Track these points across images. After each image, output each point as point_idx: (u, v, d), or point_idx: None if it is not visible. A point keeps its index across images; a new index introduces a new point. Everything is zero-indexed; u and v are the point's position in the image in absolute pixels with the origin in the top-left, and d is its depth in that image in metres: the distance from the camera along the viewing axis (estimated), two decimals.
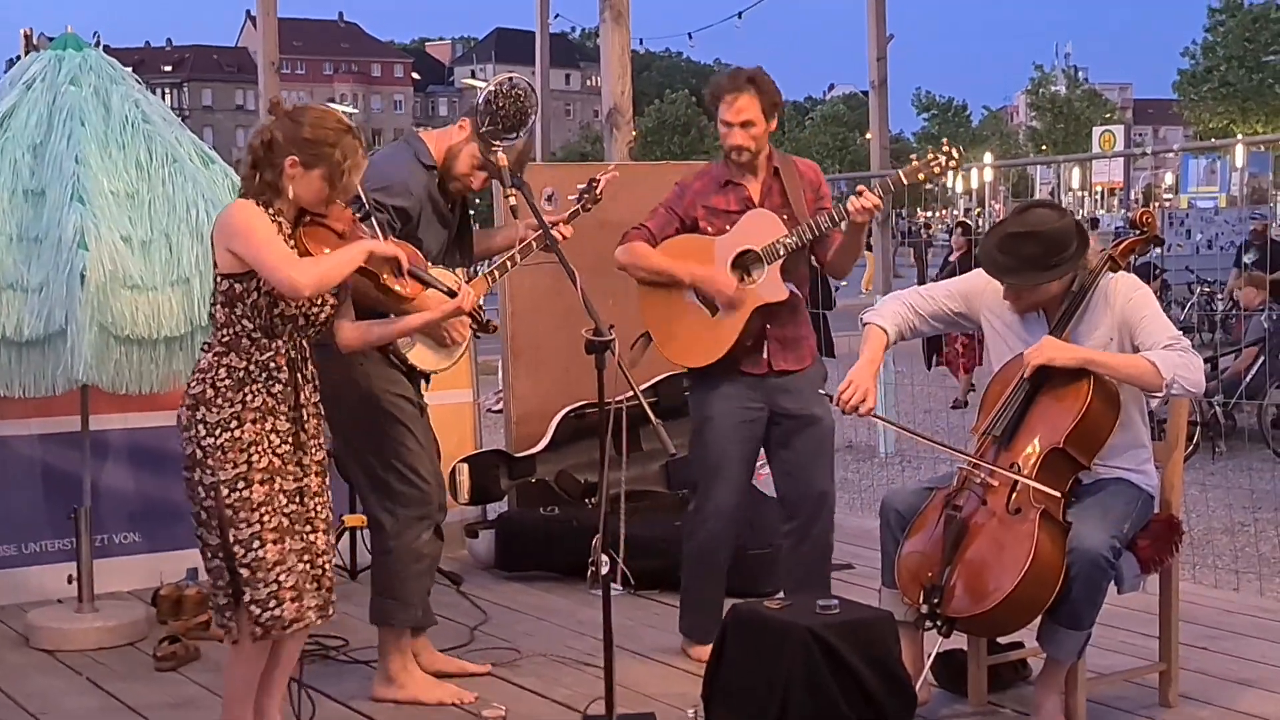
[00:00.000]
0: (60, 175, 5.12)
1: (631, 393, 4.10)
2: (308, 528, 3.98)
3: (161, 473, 6.07)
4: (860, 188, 4.69)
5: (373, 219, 4.28)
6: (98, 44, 5.94)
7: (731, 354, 4.92)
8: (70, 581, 5.49)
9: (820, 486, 5.06)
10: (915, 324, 4.60)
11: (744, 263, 4.90)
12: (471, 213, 4.99)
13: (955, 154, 4.78)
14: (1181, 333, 4.32)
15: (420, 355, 4.65)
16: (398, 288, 4.13)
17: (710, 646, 4.87)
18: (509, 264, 4.87)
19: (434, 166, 4.70)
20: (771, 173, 4.97)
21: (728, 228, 4.93)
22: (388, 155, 4.84)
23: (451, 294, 4.28)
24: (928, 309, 4.60)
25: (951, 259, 14.51)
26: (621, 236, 5.07)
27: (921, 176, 4.83)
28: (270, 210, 3.89)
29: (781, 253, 4.84)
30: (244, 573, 3.84)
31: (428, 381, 4.78)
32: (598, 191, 5.01)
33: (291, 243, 3.90)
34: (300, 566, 3.91)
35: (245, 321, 3.87)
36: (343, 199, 4.01)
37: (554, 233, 4.69)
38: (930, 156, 4.82)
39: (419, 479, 4.63)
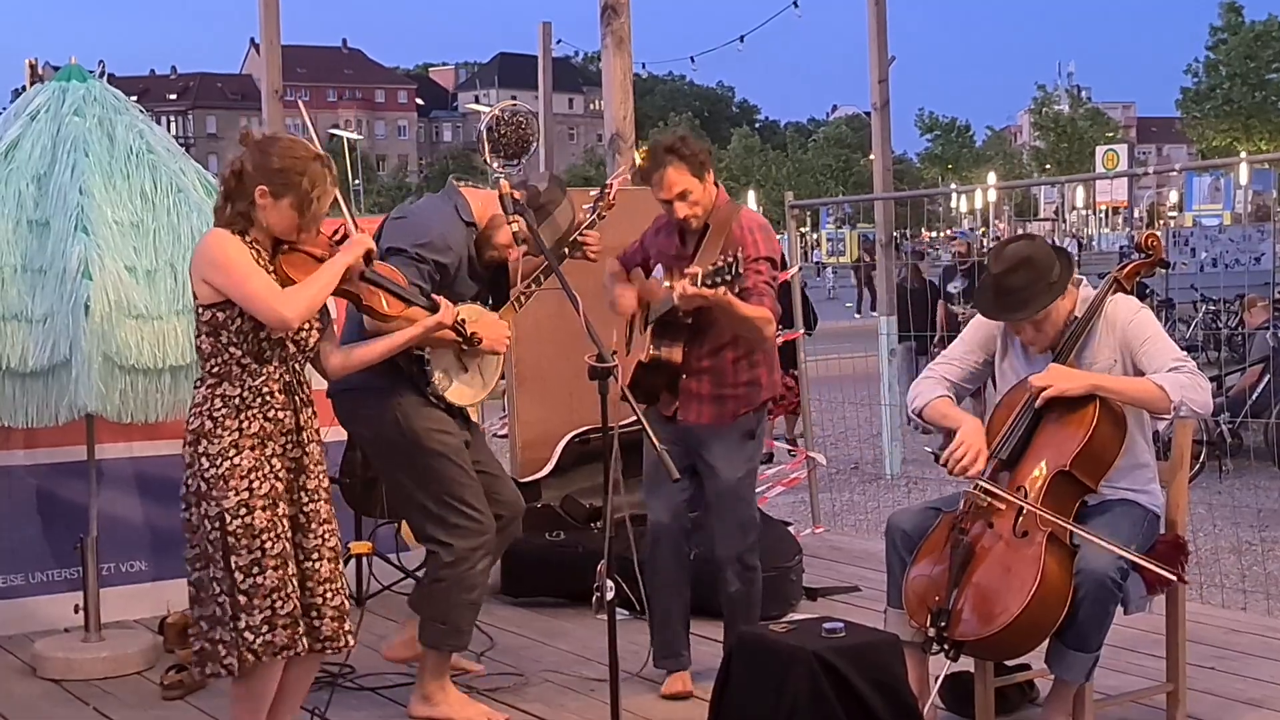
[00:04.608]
0: (64, 206, 5.15)
1: (635, 418, 4.11)
2: (315, 556, 3.99)
3: (167, 501, 6.01)
4: (686, 271, 4.53)
5: (350, 240, 4.29)
6: (103, 73, 5.96)
7: (646, 391, 4.86)
8: (77, 611, 5.49)
9: (711, 544, 4.99)
10: (955, 392, 4.57)
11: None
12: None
13: (740, 269, 4.48)
14: (1186, 352, 4.32)
15: (459, 393, 4.67)
16: (375, 304, 4.12)
17: (677, 675, 4.97)
18: (534, 285, 4.86)
19: (473, 224, 4.70)
20: (703, 229, 4.85)
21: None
22: (429, 208, 4.84)
23: (434, 309, 4.30)
24: (959, 374, 4.57)
25: None
26: None
27: (713, 269, 4.49)
28: (246, 239, 3.89)
29: (651, 319, 4.83)
30: (242, 599, 3.84)
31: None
32: (611, 197, 5.03)
33: (271, 270, 3.90)
34: (299, 594, 3.92)
35: (233, 349, 3.88)
36: (314, 227, 3.99)
37: (586, 244, 4.86)
38: (722, 262, 4.48)
39: (472, 510, 4.66)
